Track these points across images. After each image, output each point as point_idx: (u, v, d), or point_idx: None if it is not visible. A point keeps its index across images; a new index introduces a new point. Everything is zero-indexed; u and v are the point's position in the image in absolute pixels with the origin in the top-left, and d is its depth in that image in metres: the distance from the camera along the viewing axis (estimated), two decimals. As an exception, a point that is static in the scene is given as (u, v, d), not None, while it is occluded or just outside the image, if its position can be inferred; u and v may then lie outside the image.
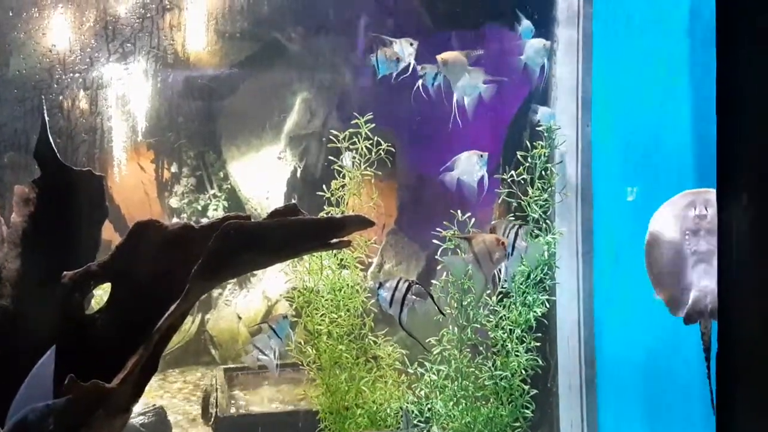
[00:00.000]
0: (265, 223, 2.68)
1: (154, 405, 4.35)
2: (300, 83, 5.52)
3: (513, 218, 2.92)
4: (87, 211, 2.78)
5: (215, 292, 5.91)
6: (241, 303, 5.73)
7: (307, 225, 2.66)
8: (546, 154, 3.14)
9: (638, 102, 3.24)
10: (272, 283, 5.78)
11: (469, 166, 2.99)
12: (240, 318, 5.59)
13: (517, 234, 2.46)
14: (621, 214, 3.40)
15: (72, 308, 2.69)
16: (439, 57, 3.11)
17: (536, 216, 3.07)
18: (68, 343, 2.62)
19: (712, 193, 2.36)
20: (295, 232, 2.65)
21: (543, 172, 3.14)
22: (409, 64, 3.08)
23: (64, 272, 2.65)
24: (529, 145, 3.14)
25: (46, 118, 2.60)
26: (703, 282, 2.32)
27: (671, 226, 2.41)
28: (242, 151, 5.69)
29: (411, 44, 3.08)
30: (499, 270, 2.60)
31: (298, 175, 5.66)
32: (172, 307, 2.61)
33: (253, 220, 2.79)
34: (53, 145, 2.56)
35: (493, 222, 2.81)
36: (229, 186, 5.69)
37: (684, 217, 2.36)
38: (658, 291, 2.45)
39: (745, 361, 1.37)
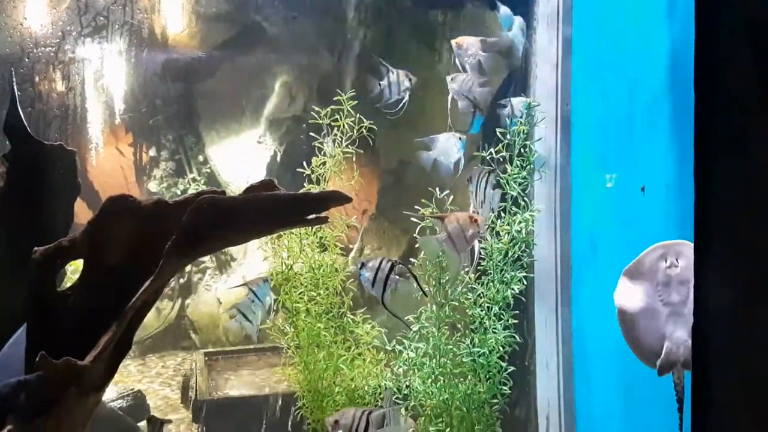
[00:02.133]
0: (240, 198, 2.65)
1: (133, 389, 4.32)
2: (280, 66, 5.47)
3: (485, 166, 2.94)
4: (59, 186, 2.74)
5: (195, 277, 5.88)
6: (222, 288, 5.69)
7: (283, 200, 2.64)
8: (525, 132, 3.14)
9: (618, 77, 3.24)
10: (252, 268, 5.76)
11: (447, 148, 2.99)
12: (220, 303, 5.55)
13: (488, 180, 2.49)
14: (599, 192, 3.41)
15: (43, 285, 2.65)
16: (454, 41, 3.12)
17: (514, 194, 3.07)
18: (40, 320, 2.58)
19: (683, 245, 2.40)
20: (270, 208, 2.62)
21: (522, 150, 3.13)
22: (403, 98, 3.08)
23: (35, 248, 2.60)
24: (508, 122, 3.14)
25: (16, 92, 2.55)
26: (675, 333, 2.34)
27: (640, 286, 2.45)
28: (222, 134, 5.64)
29: (409, 79, 3.09)
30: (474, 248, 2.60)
31: (279, 159, 5.62)
32: (146, 284, 2.58)
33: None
34: (23, 119, 2.51)
35: (469, 174, 2.81)
36: (208, 170, 5.64)
37: (654, 270, 2.40)
38: (639, 356, 2.48)
39: (720, 410, 1.41)
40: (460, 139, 2.99)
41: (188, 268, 5.78)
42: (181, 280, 5.82)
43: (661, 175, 2.94)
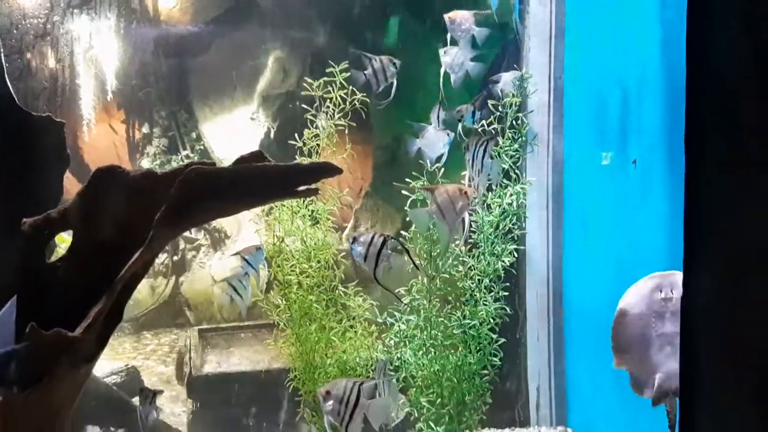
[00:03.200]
0: (229, 168, 2.64)
1: (127, 365, 4.34)
2: (273, 41, 5.42)
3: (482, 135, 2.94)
4: (47, 158, 2.72)
5: (189, 255, 5.88)
6: (216, 265, 5.70)
7: (272, 171, 2.63)
8: (517, 104, 3.12)
9: (612, 50, 3.23)
10: (247, 245, 5.76)
11: (433, 142, 2.98)
12: (215, 280, 5.56)
13: (485, 149, 2.46)
14: (592, 165, 3.40)
15: (32, 256, 2.65)
16: (447, 15, 3.10)
17: (506, 166, 3.06)
18: (30, 291, 2.58)
19: (678, 275, 2.37)
20: (260, 179, 2.61)
21: (514, 122, 3.12)
22: (392, 84, 3.06)
23: (24, 219, 2.60)
24: (500, 93, 3.13)
25: (4, 63, 2.53)
26: (668, 364, 2.37)
27: (638, 307, 2.46)
28: (215, 111, 5.60)
29: (393, 63, 3.06)
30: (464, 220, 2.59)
31: (272, 135, 5.59)
32: (135, 256, 2.57)
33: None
34: (10, 89, 2.49)
35: (465, 142, 2.80)
36: (202, 147, 5.60)
37: (650, 299, 2.41)
38: (620, 363, 2.50)
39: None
40: (447, 134, 2.98)
41: (182, 245, 5.78)
42: (175, 258, 5.82)
43: (653, 148, 2.94)
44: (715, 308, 1.46)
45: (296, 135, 3.25)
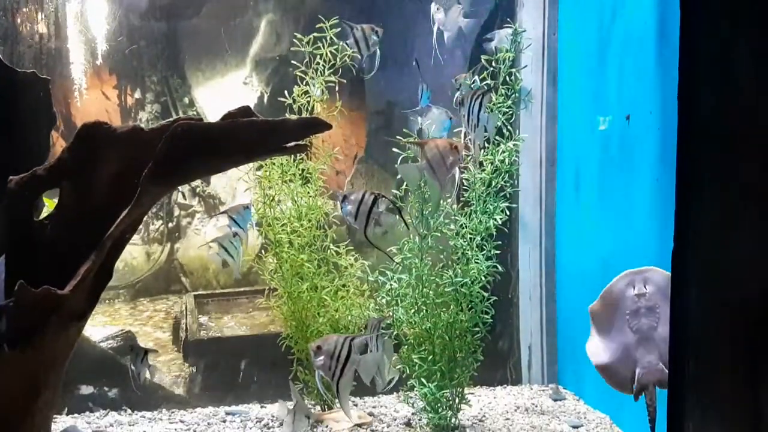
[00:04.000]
0: (216, 124, 2.60)
1: (122, 329, 4.35)
2: (265, 3, 5.34)
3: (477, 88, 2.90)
4: (33, 115, 2.69)
5: (184, 221, 5.86)
6: (211, 232, 5.68)
7: (260, 127, 2.59)
8: (511, 59, 3.08)
9: (605, 6, 3.18)
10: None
11: (435, 122, 2.94)
12: (210, 246, 5.55)
13: (481, 103, 2.41)
14: (585, 124, 3.37)
15: (20, 214, 2.63)
16: None
17: (499, 123, 3.03)
18: (18, 249, 2.56)
19: (651, 271, 2.43)
20: (248, 135, 2.58)
21: (507, 78, 3.08)
22: (375, 52, 3.00)
23: (10, 177, 2.57)
24: (494, 50, 3.08)
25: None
26: (646, 358, 2.41)
27: (610, 317, 2.47)
28: (207, 75, 5.55)
29: (375, 31, 3.01)
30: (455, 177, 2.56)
31: (266, 101, 5.54)
32: (124, 213, 2.55)
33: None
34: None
35: (459, 95, 2.75)
36: (195, 112, 5.55)
37: (623, 298, 2.44)
38: (613, 385, 2.52)
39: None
40: (450, 119, 2.94)
41: (176, 212, 5.77)
42: (170, 225, 5.82)
43: (646, 105, 2.91)
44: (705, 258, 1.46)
45: (293, 100, 3.22)
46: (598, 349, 2.55)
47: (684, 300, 1.50)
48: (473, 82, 3.04)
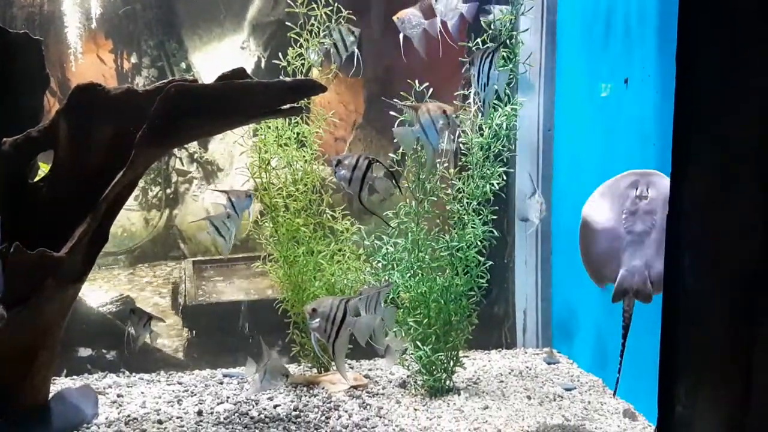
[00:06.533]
0: (211, 85, 2.59)
1: (122, 294, 4.37)
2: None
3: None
4: (25, 76, 2.67)
5: (182, 188, 5.86)
6: (209, 198, 5.68)
7: (255, 88, 2.58)
8: (511, 22, 3.04)
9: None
10: (240, 180, 5.78)
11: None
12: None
13: (491, 60, 2.38)
14: (583, 87, 3.35)
15: (15, 176, 2.62)
16: None
17: (510, 78, 3.00)
18: (13, 211, 2.57)
19: (657, 176, 2.37)
20: (243, 96, 2.57)
21: (507, 41, 3.04)
22: (353, 53, 2.95)
23: (4, 139, 2.56)
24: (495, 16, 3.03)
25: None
26: (633, 262, 2.36)
27: (608, 207, 2.43)
28: (204, 40, 5.48)
29: (352, 32, 2.95)
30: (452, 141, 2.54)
31: (263, 65, 5.49)
32: (118, 176, 2.55)
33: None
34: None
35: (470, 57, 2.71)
36: (192, 77, 5.51)
37: (624, 196, 2.39)
38: (591, 273, 2.48)
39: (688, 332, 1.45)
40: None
41: (174, 178, 5.76)
42: (168, 191, 5.81)
43: (644, 68, 2.88)
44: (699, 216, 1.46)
45: (287, 62, 3.19)
46: (587, 239, 2.48)
47: (678, 263, 1.50)
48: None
